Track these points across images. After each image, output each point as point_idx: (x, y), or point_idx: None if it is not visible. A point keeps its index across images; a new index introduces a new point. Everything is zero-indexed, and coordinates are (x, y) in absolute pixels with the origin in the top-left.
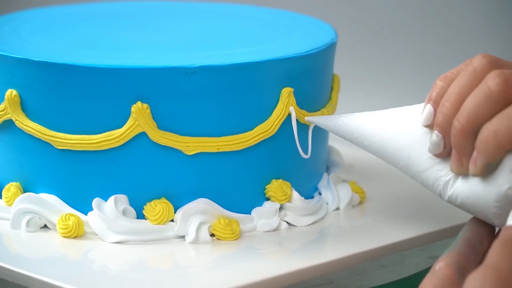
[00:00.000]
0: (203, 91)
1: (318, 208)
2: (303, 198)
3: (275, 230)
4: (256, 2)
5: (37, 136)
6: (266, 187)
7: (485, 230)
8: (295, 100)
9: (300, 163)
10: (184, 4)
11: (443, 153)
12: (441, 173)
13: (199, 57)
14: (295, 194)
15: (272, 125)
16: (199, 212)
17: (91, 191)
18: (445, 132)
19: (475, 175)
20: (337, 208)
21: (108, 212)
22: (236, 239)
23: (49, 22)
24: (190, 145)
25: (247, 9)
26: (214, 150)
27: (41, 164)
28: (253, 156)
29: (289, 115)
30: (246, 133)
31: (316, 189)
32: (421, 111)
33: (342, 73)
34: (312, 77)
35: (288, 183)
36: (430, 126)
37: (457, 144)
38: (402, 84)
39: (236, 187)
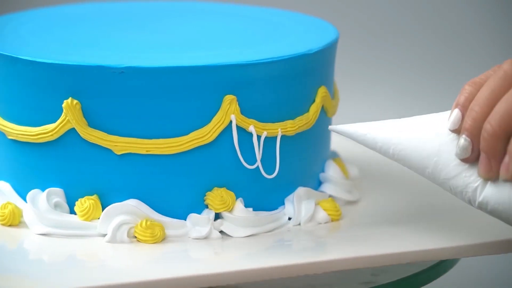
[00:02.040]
0: (131, 91)
1: (266, 221)
2: (250, 209)
3: (206, 238)
4: (256, 2)
5: None
6: (206, 194)
7: None
8: (243, 107)
9: (252, 173)
10: (183, 4)
11: (471, 157)
12: (469, 179)
13: (153, 58)
14: (239, 205)
15: (210, 131)
16: (123, 213)
17: (35, 182)
18: (474, 136)
19: (507, 180)
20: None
21: (39, 204)
22: (155, 242)
23: (49, 22)
24: (119, 145)
25: (236, 8)
26: (143, 152)
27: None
28: (189, 162)
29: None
30: (178, 138)
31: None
32: (447, 118)
33: (342, 73)
34: (267, 86)
35: (231, 192)
36: (457, 131)
37: (488, 148)
38: (402, 84)
39: (171, 191)
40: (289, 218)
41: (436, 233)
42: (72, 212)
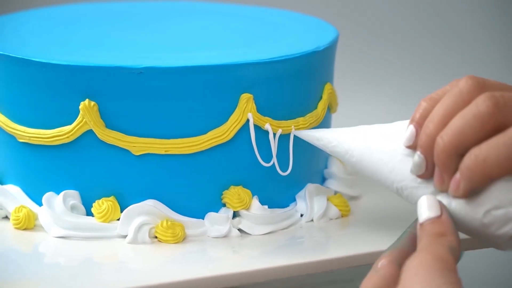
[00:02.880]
0: (150, 92)
1: (281, 218)
2: (265, 206)
3: (225, 237)
4: (252, 2)
5: (3, 128)
6: (223, 192)
7: None
8: (258, 106)
9: (266, 171)
10: (185, 4)
11: (426, 174)
12: (422, 192)
13: (169, 58)
14: (255, 203)
15: (228, 130)
16: (143, 213)
17: (48, 185)
18: (428, 152)
19: (456, 197)
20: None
21: (55, 207)
22: (177, 242)
23: (51, 22)
24: (137, 145)
25: (236, 8)
26: (162, 152)
27: (8, 156)
28: (207, 161)
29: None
30: (197, 137)
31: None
32: (404, 131)
33: (342, 73)
34: (281, 84)
35: (248, 190)
36: (412, 147)
37: (439, 162)
38: (402, 84)
39: (189, 190)
40: (301, 215)
41: None
42: (89, 214)
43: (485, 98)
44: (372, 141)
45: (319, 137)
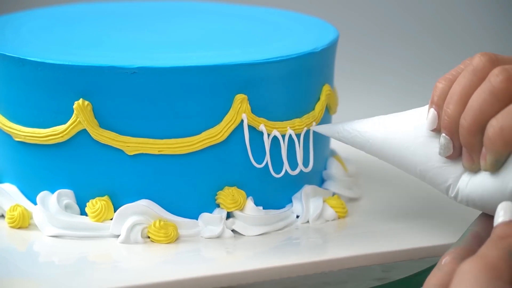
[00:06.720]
0: (143, 92)
1: (276, 219)
2: (260, 207)
3: (219, 237)
4: (253, 2)
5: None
6: (217, 193)
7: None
8: (253, 106)
9: (261, 172)
10: (184, 4)
11: (454, 154)
12: (449, 171)
13: (164, 58)
14: (250, 203)
15: (222, 131)
16: (136, 213)
17: (43, 184)
18: (452, 133)
19: (485, 170)
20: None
21: (49, 206)
22: (169, 242)
23: (49, 22)
24: (131, 145)
25: (235, 8)
26: (156, 152)
27: (4, 154)
28: (201, 161)
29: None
30: (190, 138)
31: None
32: (424, 115)
33: (342, 73)
34: (276, 85)
35: (242, 191)
36: (436, 130)
37: (466, 142)
38: (402, 84)
39: (183, 191)
40: (297, 216)
41: (440, 228)
42: (83, 213)
43: (498, 73)
44: (393, 128)
45: (338, 130)
